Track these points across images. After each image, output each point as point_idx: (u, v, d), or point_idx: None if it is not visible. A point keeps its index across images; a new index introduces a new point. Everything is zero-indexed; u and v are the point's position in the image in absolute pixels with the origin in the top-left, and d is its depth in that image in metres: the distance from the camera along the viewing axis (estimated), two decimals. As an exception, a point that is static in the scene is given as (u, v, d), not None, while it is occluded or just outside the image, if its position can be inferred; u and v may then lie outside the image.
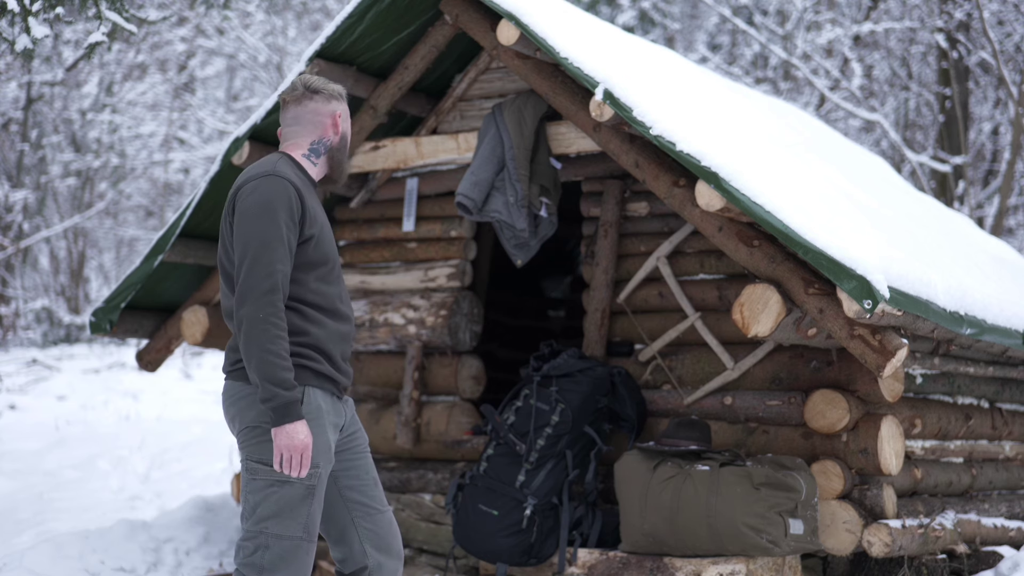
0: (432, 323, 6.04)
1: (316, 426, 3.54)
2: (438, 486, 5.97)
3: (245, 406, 3.55)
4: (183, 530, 6.55)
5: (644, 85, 5.17)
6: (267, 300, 3.44)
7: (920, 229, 6.23)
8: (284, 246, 3.50)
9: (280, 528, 3.47)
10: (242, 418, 3.55)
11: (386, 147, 6.17)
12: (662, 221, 5.65)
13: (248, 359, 3.43)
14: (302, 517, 3.50)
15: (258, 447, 3.51)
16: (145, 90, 18.53)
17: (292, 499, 3.49)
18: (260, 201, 3.53)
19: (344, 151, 3.81)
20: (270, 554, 3.47)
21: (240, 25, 18.10)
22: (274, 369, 3.40)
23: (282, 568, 3.48)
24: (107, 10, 6.45)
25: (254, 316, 3.42)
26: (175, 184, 20.09)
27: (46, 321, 16.75)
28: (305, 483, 3.50)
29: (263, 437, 3.51)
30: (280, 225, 3.51)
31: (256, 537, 3.48)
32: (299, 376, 3.54)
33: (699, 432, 5.09)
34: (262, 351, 3.41)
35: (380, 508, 3.74)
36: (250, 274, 3.47)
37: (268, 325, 3.42)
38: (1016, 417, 6.36)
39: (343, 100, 3.84)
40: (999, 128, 15.19)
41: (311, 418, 3.53)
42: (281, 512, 3.48)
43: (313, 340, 3.58)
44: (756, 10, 16.07)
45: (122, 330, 6.45)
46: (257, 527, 3.48)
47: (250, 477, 3.52)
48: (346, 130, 3.81)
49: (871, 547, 4.96)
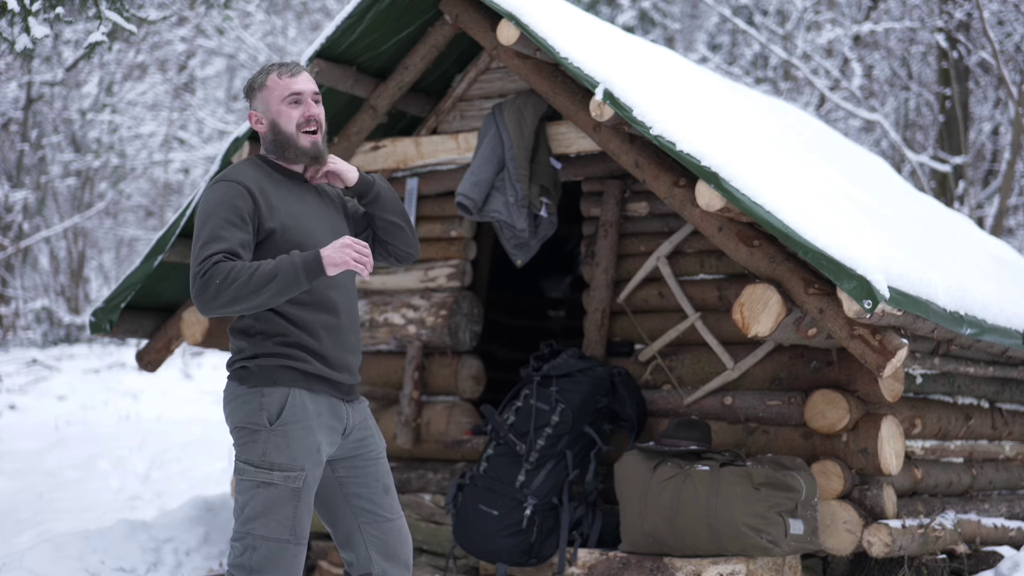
0: (432, 323, 6.04)
1: (302, 428, 3.50)
2: (438, 486, 5.97)
3: (236, 406, 3.53)
4: (183, 530, 6.55)
5: (644, 85, 5.17)
6: (203, 267, 3.36)
7: (920, 229, 6.23)
8: (219, 242, 3.42)
9: (266, 529, 3.45)
10: (232, 418, 3.55)
11: (386, 147, 6.17)
12: (662, 221, 5.65)
13: (241, 299, 3.35)
14: (288, 519, 3.47)
15: (244, 448, 3.50)
16: (145, 90, 18.53)
17: (277, 500, 3.46)
18: (202, 208, 3.51)
19: (281, 135, 3.61)
20: (257, 555, 3.45)
21: (240, 25, 18.10)
22: (255, 282, 3.34)
23: (269, 569, 3.46)
24: (107, 10, 6.45)
25: (207, 285, 3.35)
26: (175, 184, 20.09)
27: (46, 321, 16.75)
28: (289, 485, 3.47)
29: (249, 438, 3.49)
30: (216, 227, 3.44)
31: (244, 538, 3.47)
32: (285, 377, 3.51)
33: (699, 432, 5.09)
34: (235, 292, 3.33)
35: (389, 516, 3.69)
36: (193, 264, 3.42)
37: (213, 276, 3.34)
38: (1016, 417, 6.36)
39: (263, 88, 3.63)
40: (999, 128, 15.19)
41: (295, 419, 3.49)
42: (267, 513, 3.46)
43: (295, 338, 3.53)
44: (756, 10, 16.07)
45: (122, 330, 6.45)
46: (244, 528, 3.47)
47: (239, 477, 3.52)
48: (272, 114, 3.61)
49: (871, 547, 4.96)
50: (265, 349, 3.53)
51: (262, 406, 3.49)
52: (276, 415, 3.49)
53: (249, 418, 3.49)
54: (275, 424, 3.48)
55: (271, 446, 3.47)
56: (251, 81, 3.67)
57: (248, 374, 3.52)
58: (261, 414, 3.48)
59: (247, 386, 3.51)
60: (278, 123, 3.61)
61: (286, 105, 3.60)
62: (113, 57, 16.73)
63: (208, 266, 3.36)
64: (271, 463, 3.47)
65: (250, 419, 3.49)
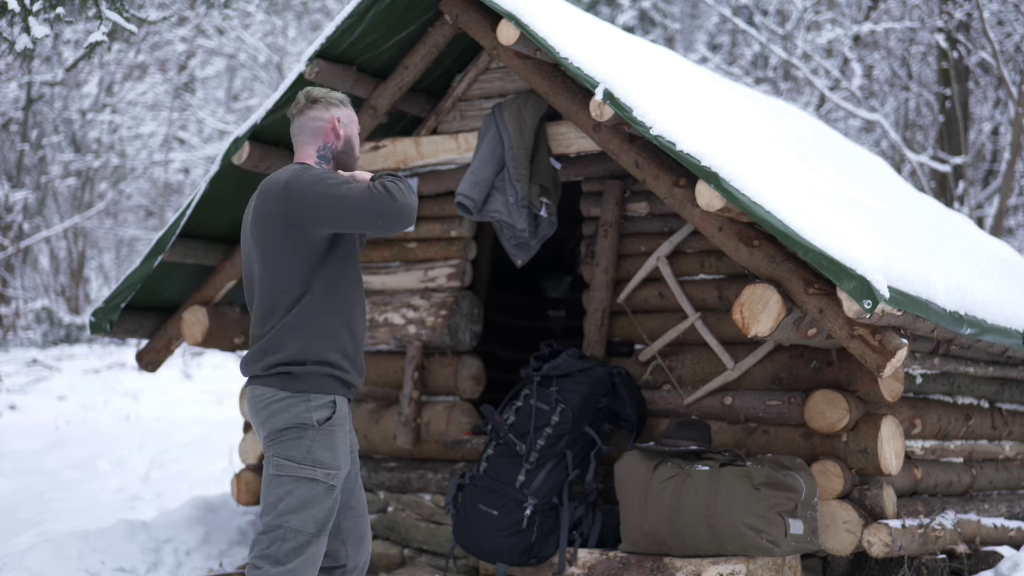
0: (432, 323, 6.04)
1: (341, 432, 3.74)
2: (438, 486, 5.97)
3: (279, 409, 3.71)
4: (183, 530, 6.55)
5: (644, 85, 5.17)
6: (377, 190, 3.69)
7: (920, 229, 6.23)
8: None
9: (298, 523, 3.65)
10: (274, 422, 3.72)
11: (386, 147, 6.17)
12: (662, 221, 5.65)
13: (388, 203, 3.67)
14: (320, 514, 3.68)
15: (287, 445, 3.69)
16: (145, 90, 18.53)
17: (314, 496, 3.66)
18: (315, 178, 3.73)
19: (350, 154, 3.98)
20: (286, 547, 3.64)
21: (240, 25, 18.10)
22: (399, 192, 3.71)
23: (295, 561, 3.64)
24: (107, 10, 6.45)
25: (396, 194, 3.70)
26: (175, 184, 20.09)
27: (46, 321, 16.74)
28: (327, 483, 3.68)
29: (296, 435, 3.68)
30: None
31: (275, 530, 3.65)
32: (331, 385, 3.74)
33: (699, 432, 5.09)
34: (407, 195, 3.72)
35: (361, 511, 3.94)
36: (348, 199, 3.69)
37: (390, 188, 3.70)
38: (1016, 417, 6.36)
39: (345, 106, 4.00)
40: (999, 128, 15.19)
41: (338, 424, 3.73)
42: (302, 507, 3.65)
43: (340, 344, 3.78)
44: (756, 10, 16.07)
45: (122, 330, 6.45)
46: (277, 520, 3.66)
47: (276, 473, 3.69)
48: (350, 134, 3.98)
49: (871, 547, 4.96)
50: (315, 355, 3.72)
51: (309, 409, 3.70)
52: (325, 419, 3.71)
53: (297, 419, 3.69)
54: (323, 424, 3.70)
55: (317, 444, 3.69)
56: (330, 92, 4.01)
57: (293, 380, 3.71)
58: (310, 415, 3.69)
59: (291, 391, 3.70)
60: (353, 143, 3.99)
61: (358, 134, 4.05)
62: (113, 57, 16.74)
63: (379, 187, 3.68)
64: (315, 460, 3.68)
65: (298, 420, 3.69)
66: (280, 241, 3.73)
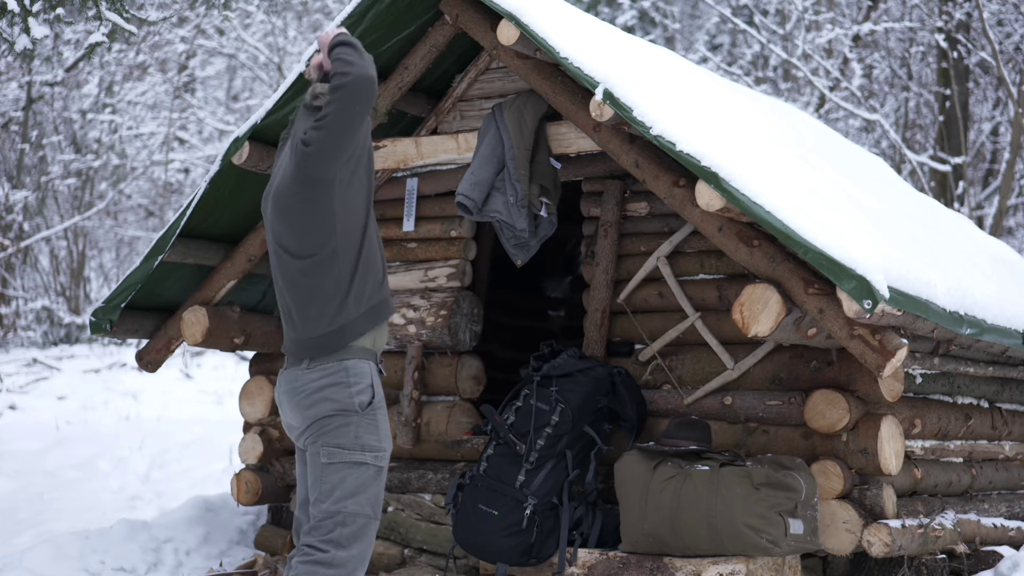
0: (432, 323, 6.04)
1: (381, 413, 3.90)
2: (438, 486, 5.97)
3: (320, 398, 3.82)
4: (183, 530, 6.55)
5: (644, 85, 5.17)
6: None
7: (920, 229, 6.22)
8: None
9: (356, 507, 3.79)
10: (317, 409, 3.82)
11: (386, 147, 6.17)
12: (662, 221, 5.65)
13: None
14: (372, 496, 3.83)
15: (335, 432, 3.81)
16: (145, 90, 18.53)
17: (366, 479, 3.81)
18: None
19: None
20: (347, 531, 3.77)
21: (240, 25, 18.10)
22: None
23: (356, 544, 3.78)
24: (107, 10, 6.46)
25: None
26: (175, 184, 20.09)
27: (46, 321, 16.74)
28: (376, 465, 3.83)
29: (341, 422, 3.81)
30: None
31: (335, 516, 3.78)
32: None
33: (699, 432, 5.09)
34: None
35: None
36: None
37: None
38: (1016, 417, 6.36)
39: None
40: (999, 128, 15.20)
41: (378, 405, 3.88)
42: (357, 492, 3.80)
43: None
44: (756, 10, 16.08)
45: (122, 330, 6.45)
46: (336, 506, 3.78)
47: (327, 461, 3.80)
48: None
49: (871, 547, 4.96)
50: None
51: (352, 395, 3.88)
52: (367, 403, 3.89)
53: (339, 405, 3.85)
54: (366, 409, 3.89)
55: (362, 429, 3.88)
56: None
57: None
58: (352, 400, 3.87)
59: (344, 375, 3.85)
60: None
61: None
62: (113, 57, 16.73)
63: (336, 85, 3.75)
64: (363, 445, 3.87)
65: (341, 406, 3.85)
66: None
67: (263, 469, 6.45)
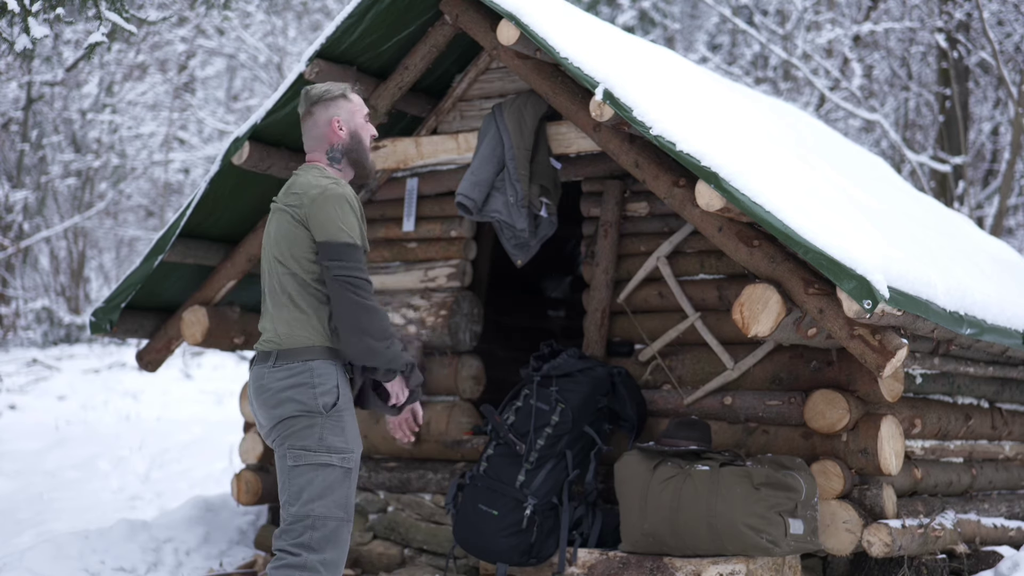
0: (432, 323, 6.04)
1: (348, 415, 3.85)
2: (438, 486, 5.97)
3: (284, 398, 3.78)
4: (183, 530, 6.55)
5: (644, 85, 5.17)
6: (365, 279, 3.84)
7: (920, 229, 6.23)
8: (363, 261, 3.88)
9: (324, 509, 3.73)
10: (282, 410, 3.79)
11: (386, 147, 6.17)
12: (662, 221, 5.65)
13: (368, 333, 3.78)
14: (342, 498, 3.77)
15: (300, 434, 3.76)
16: (145, 90, 18.52)
17: (333, 481, 3.76)
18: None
19: (359, 149, 4.01)
20: (318, 535, 3.72)
21: (240, 25, 18.09)
22: (380, 330, 3.83)
23: (328, 547, 3.73)
24: (107, 10, 6.46)
25: (367, 300, 3.82)
26: (175, 184, 20.09)
27: (46, 321, 16.74)
28: (343, 466, 3.77)
29: (305, 423, 3.75)
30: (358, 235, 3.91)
31: (304, 519, 3.73)
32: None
33: (699, 432, 5.09)
34: (369, 325, 3.79)
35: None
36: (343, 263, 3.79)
37: (370, 297, 3.83)
38: (1016, 417, 6.36)
39: (345, 98, 4.00)
40: (999, 128, 15.20)
41: (344, 407, 3.84)
42: (324, 494, 3.74)
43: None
44: (756, 10, 16.07)
45: (122, 330, 6.45)
46: (304, 509, 3.73)
47: (293, 464, 3.77)
48: (354, 127, 3.99)
49: (871, 547, 4.96)
50: None
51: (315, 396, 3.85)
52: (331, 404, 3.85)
53: (302, 407, 3.81)
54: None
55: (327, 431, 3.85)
56: (327, 90, 3.98)
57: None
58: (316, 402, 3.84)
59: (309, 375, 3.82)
60: (359, 135, 4.00)
61: (365, 121, 4.02)
62: (113, 57, 16.73)
63: (367, 283, 3.79)
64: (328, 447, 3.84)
65: (303, 408, 3.81)
66: None
67: (263, 469, 6.45)
